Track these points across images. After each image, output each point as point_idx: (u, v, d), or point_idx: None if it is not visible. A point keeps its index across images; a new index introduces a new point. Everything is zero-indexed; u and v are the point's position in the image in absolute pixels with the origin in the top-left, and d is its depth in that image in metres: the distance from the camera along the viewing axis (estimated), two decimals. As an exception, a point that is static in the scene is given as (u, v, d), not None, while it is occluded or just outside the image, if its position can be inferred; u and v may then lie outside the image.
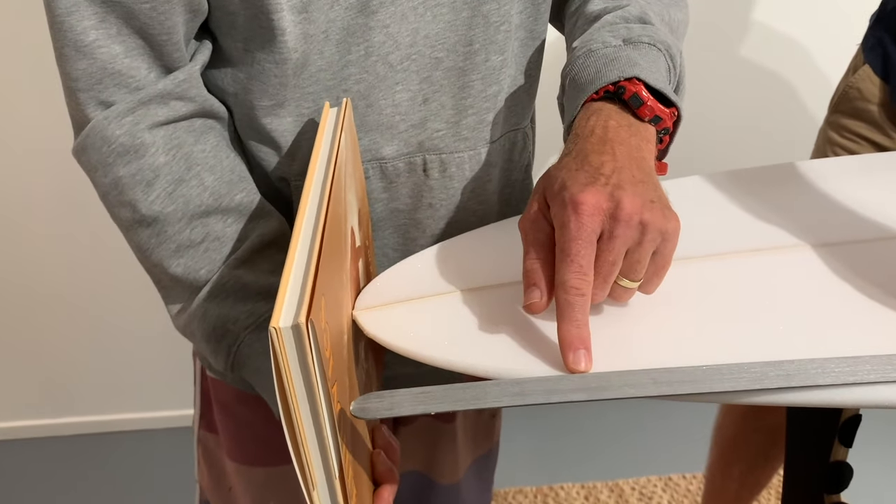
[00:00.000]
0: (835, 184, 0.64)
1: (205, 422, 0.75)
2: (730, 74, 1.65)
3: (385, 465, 0.53)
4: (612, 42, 0.54)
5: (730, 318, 0.48)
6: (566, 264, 0.43)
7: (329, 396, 0.39)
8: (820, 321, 0.47)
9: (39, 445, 1.78)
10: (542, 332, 0.46)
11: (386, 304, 0.50)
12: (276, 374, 0.37)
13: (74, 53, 0.53)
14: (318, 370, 0.37)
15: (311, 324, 0.35)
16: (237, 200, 0.58)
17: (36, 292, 1.67)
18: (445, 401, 0.40)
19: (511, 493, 1.64)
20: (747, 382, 0.40)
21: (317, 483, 0.40)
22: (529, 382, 0.41)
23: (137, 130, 0.54)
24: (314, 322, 0.36)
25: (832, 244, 0.55)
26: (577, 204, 0.43)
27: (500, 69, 0.63)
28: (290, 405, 0.37)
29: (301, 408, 0.38)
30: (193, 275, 0.57)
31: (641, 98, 0.50)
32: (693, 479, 1.68)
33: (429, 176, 0.64)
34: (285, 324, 0.35)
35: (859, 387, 0.40)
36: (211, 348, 0.57)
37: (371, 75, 0.59)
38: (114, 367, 1.76)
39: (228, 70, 0.60)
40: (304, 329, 0.35)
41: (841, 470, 0.66)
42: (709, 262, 0.53)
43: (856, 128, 1.01)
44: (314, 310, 0.36)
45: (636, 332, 0.47)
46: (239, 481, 0.73)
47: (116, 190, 0.56)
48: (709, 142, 1.69)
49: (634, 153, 0.47)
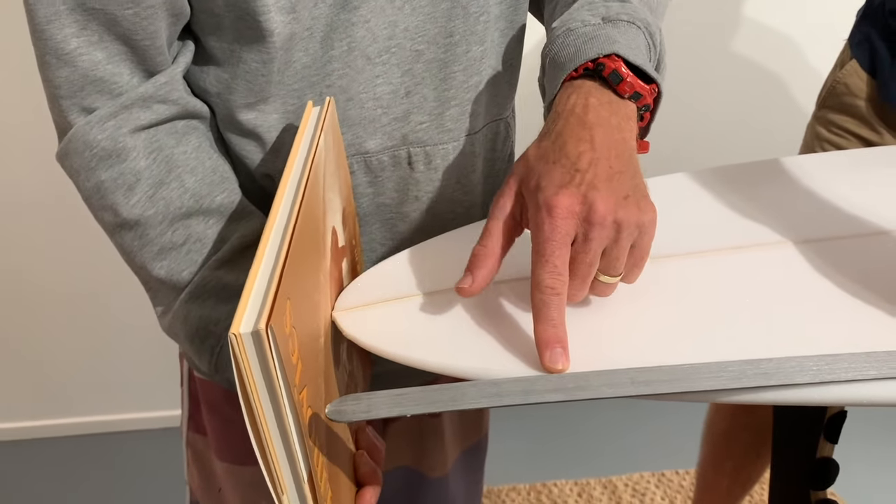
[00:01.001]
0: (820, 180, 0.64)
1: (193, 423, 0.75)
2: (718, 70, 1.65)
3: (368, 466, 0.53)
4: (591, 20, 0.54)
5: (710, 316, 0.48)
6: (541, 265, 0.43)
7: (294, 402, 0.38)
8: (801, 318, 0.47)
9: (32, 447, 1.78)
10: (520, 333, 0.46)
11: (365, 305, 0.50)
12: (239, 380, 0.36)
13: (56, 62, 0.53)
14: (280, 376, 0.37)
15: (271, 329, 0.35)
16: (218, 201, 0.58)
17: (31, 294, 1.66)
18: (422, 402, 0.40)
19: (505, 491, 1.64)
20: (725, 381, 0.40)
21: (286, 488, 0.40)
22: (506, 383, 0.41)
23: (119, 135, 0.54)
24: (275, 327, 0.35)
25: (815, 241, 0.55)
26: (550, 207, 0.43)
27: (481, 59, 0.64)
28: (254, 411, 0.37)
29: (266, 414, 0.38)
30: (176, 276, 0.57)
31: (621, 74, 0.50)
32: (686, 475, 1.68)
33: (414, 169, 0.64)
34: (245, 329, 0.35)
35: (837, 385, 0.40)
36: (194, 349, 0.57)
37: (353, 70, 0.59)
38: (107, 368, 1.76)
39: (212, 69, 0.59)
40: (263, 335, 0.35)
41: (827, 466, 0.67)
42: (690, 259, 0.53)
43: (843, 123, 1.01)
44: (276, 315, 0.36)
45: (615, 331, 0.47)
46: (228, 481, 0.73)
47: (98, 194, 0.55)
48: (698, 138, 1.69)
49: (615, 135, 0.47)
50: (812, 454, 0.67)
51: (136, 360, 1.74)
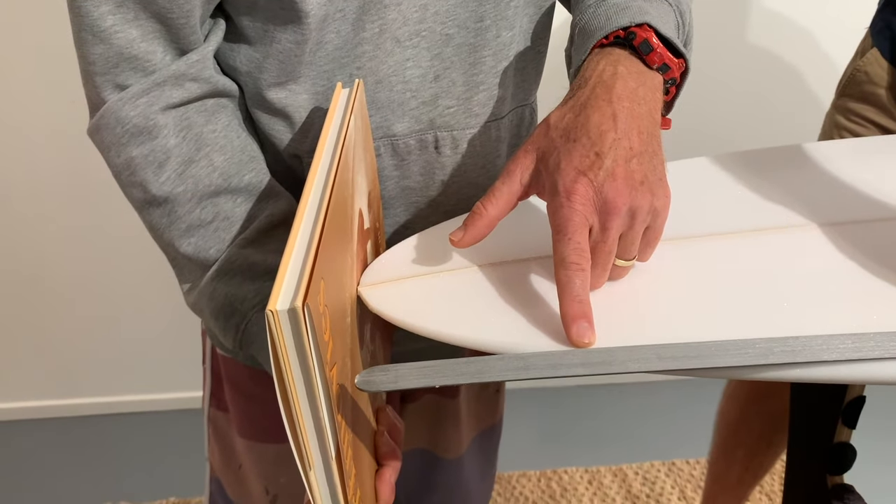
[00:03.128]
0: (841, 165, 0.64)
1: (215, 400, 0.76)
2: (738, 59, 1.64)
3: (388, 445, 0.54)
4: None
5: (736, 296, 0.48)
6: (564, 242, 0.44)
7: (326, 379, 0.39)
8: (826, 299, 0.47)
9: (53, 426, 1.80)
10: (546, 309, 0.47)
11: (390, 281, 0.51)
12: (273, 356, 0.37)
13: (91, 38, 0.53)
14: (314, 353, 0.37)
15: (308, 308, 0.36)
16: (246, 180, 0.58)
17: (49, 275, 1.68)
18: (449, 374, 0.40)
19: (515, 477, 1.65)
20: (752, 358, 0.41)
21: (314, 464, 0.40)
22: (533, 357, 0.41)
23: (151, 112, 0.55)
24: (311, 306, 0.36)
25: (839, 224, 0.55)
26: (569, 193, 0.45)
27: (510, 45, 0.64)
28: (287, 387, 0.38)
29: (298, 390, 0.38)
30: (203, 254, 0.57)
31: (651, 44, 0.50)
32: (696, 464, 1.69)
33: (440, 153, 0.65)
34: (282, 307, 0.36)
35: (864, 363, 0.41)
36: (220, 326, 0.58)
37: (382, 52, 0.60)
38: (126, 349, 1.78)
39: (243, 48, 0.60)
40: (300, 313, 0.35)
41: (844, 451, 0.67)
42: (715, 241, 0.54)
43: (863, 111, 1.00)
44: (311, 293, 0.36)
45: (641, 310, 0.48)
46: (249, 458, 0.74)
47: (129, 170, 0.56)
48: (717, 126, 1.68)
49: (640, 108, 0.48)
50: (829, 439, 0.67)
51: (154, 343, 1.76)
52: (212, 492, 0.79)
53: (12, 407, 1.81)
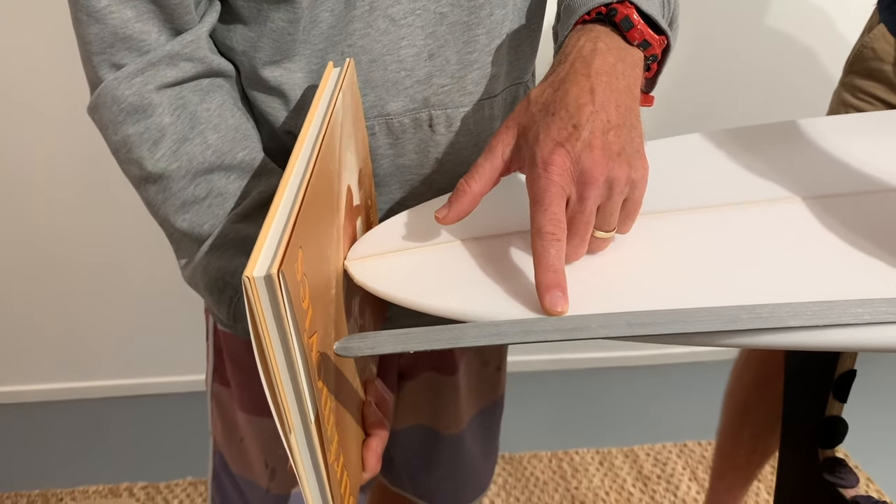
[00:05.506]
0: (835, 140, 0.64)
1: (217, 375, 0.78)
2: (749, 37, 1.62)
3: (375, 416, 0.55)
4: None
5: (712, 267, 0.49)
6: (540, 212, 0.45)
7: (304, 345, 0.40)
8: (802, 270, 0.48)
9: (73, 408, 1.85)
10: (525, 280, 0.48)
11: (377, 255, 0.52)
12: (251, 322, 0.38)
13: (87, 18, 0.55)
14: (290, 319, 0.38)
15: (283, 274, 0.37)
16: (240, 158, 0.60)
17: (60, 258, 1.71)
18: (425, 341, 0.42)
19: (526, 458, 1.66)
20: (720, 324, 0.41)
21: (293, 427, 0.42)
22: (506, 324, 0.42)
23: (146, 91, 0.56)
24: (286, 273, 0.37)
25: (821, 196, 0.55)
26: (546, 164, 0.46)
27: (503, 23, 0.64)
28: (265, 352, 0.39)
29: (276, 355, 0.39)
30: (198, 229, 0.59)
31: (632, 21, 0.51)
32: (708, 445, 1.68)
33: (435, 131, 0.66)
34: (258, 273, 0.37)
35: (830, 329, 0.41)
36: (214, 299, 0.59)
37: (374, 30, 0.60)
38: (143, 332, 1.82)
39: (238, 28, 0.61)
40: (275, 279, 0.37)
41: (835, 425, 0.67)
42: (698, 214, 0.54)
43: (870, 88, 0.99)
44: (288, 261, 0.38)
45: (617, 281, 0.48)
46: (250, 431, 0.76)
47: (125, 147, 0.58)
48: (727, 105, 1.67)
49: (618, 83, 0.48)
50: (821, 413, 0.67)
51: (173, 326, 1.79)
52: (215, 465, 0.81)
53: (32, 389, 1.86)
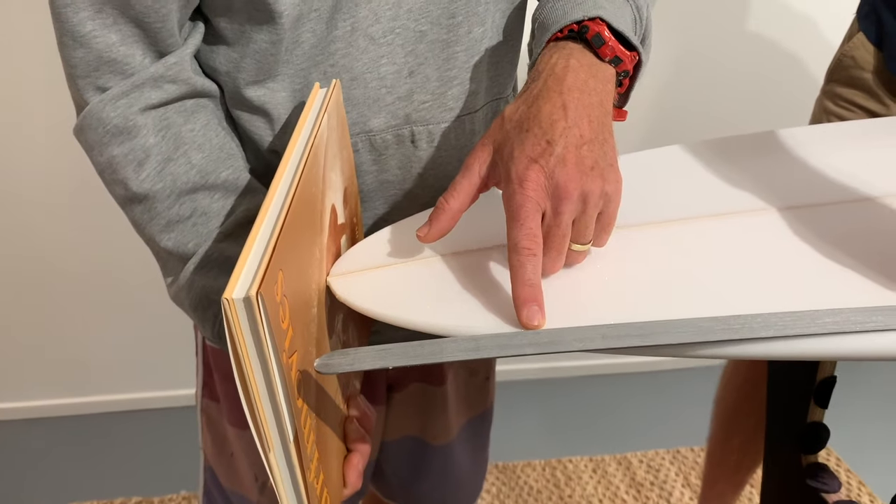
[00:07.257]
0: (812, 150, 0.65)
1: (207, 390, 0.79)
2: (733, 45, 1.64)
3: (357, 432, 0.56)
4: None
5: (687, 280, 0.49)
6: (516, 228, 0.45)
7: (283, 365, 0.41)
8: (780, 280, 0.49)
9: (67, 424, 1.84)
10: (503, 294, 0.48)
11: (358, 271, 0.53)
12: (230, 342, 0.39)
13: (72, 43, 0.55)
14: (269, 340, 0.39)
15: (261, 297, 0.38)
16: (223, 177, 0.60)
17: (54, 274, 1.72)
18: (404, 356, 0.42)
19: (520, 467, 1.67)
20: (692, 336, 0.42)
21: (272, 446, 0.43)
22: (484, 338, 0.43)
23: (130, 113, 0.57)
24: (265, 295, 0.38)
25: (797, 207, 0.56)
26: (521, 180, 0.47)
27: (482, 40, 0.65)
28: (244, 372, 0.40)
29: (255, 375, 0.40)
30: (183, 248, 0.60)
31: (603, 38, 0.52)
32: (701, 452, 1.69)
33: (417, 147, 0.66)
34: (237, 295, 0.38)
35: (801, 339, 0.42)
36: (199, 317, 0.60)
37: (355, 49, 0.61)
38: (136, 347, 1.82)
39: (221, 49, 0.62)
40: (254, 301, 0.37)
41: (817, 431, 0.68)
42: (674, 226, 0.55)
43: (850, 96, 1.01)
44: (267, 283, 0.38)
45: (593, 295, 0.49)
46: (239, 446, 0.77)
47: (111, 168, 0.58)
48: (710, 112, 1.68)
49: (590, 98, 0.49)
50: (803, 419, 0.68)
51: (166, 340, 1.80)
52: (206, 480, 0.81)
53: (26, 406, 1.86)
